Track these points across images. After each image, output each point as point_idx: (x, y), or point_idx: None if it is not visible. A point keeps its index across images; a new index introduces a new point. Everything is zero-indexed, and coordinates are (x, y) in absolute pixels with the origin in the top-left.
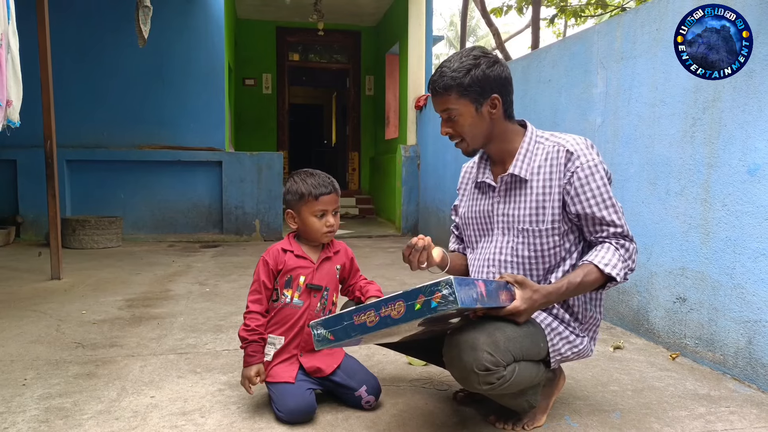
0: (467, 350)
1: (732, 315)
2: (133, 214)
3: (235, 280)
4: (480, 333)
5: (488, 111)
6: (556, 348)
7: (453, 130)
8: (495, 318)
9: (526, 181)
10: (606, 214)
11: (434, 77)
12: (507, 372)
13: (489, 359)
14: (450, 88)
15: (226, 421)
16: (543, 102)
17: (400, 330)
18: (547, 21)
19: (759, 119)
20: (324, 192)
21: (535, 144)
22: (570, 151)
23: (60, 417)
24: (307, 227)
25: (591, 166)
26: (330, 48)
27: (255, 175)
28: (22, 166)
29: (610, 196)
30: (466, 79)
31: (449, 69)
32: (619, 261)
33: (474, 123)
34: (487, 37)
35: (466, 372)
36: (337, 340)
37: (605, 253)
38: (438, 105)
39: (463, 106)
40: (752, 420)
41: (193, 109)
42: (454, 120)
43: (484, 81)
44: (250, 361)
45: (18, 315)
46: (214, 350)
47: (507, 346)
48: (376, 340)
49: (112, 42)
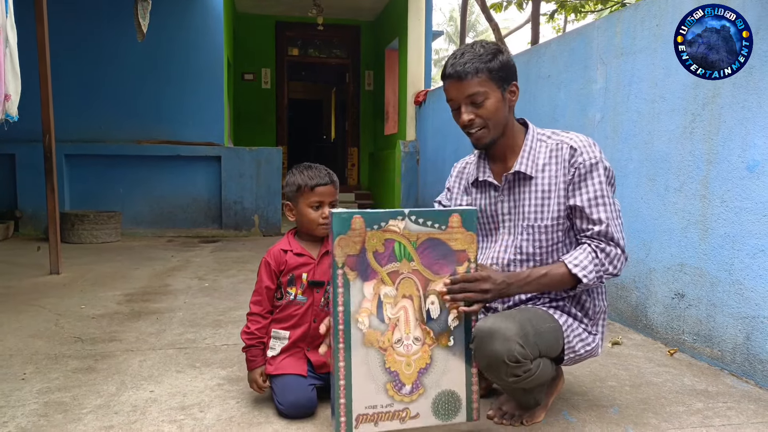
0: (500, 340)
1: (730, 311)
2: (132, 208)
3: (234, 275)
4: (512, 324)
5: (509, 98)
6: (571, 346)
7: (477, 116)
8: (524, 311)
9: (531, 178)
10: (594, 211)
11: (457, 61)
12: (533, 365)
13: (520, 351)
14: (480, 70)
15: (225, 415)
16: (542, 98)
17: None
18: (547, 16)
19: (758, 115)
20: (320, 183)
21: (537, 142)
22: (574, 147)
23: (59, 411)
24: (303, 219)
25: (593, 163)
26: (329, 43)
27: (254, 170)
28: (21, 160)
29: (604, 194)
30: (495, 63)
31: (474, 54)
32: (591, 263)
33: (499, 108)
34: (486, 33)
35: (496, 361)
36: None
37: (579, 253)
38: (462, 90)
39: (491, 90)
40: (749, 415)
41: (192, 103)
42: (480, 105)
43: (508, 67)
44: (251, 366)
45: (17, 309)
46: (213, 345)
47: (535, 340)
48: None
49: (110, 36)
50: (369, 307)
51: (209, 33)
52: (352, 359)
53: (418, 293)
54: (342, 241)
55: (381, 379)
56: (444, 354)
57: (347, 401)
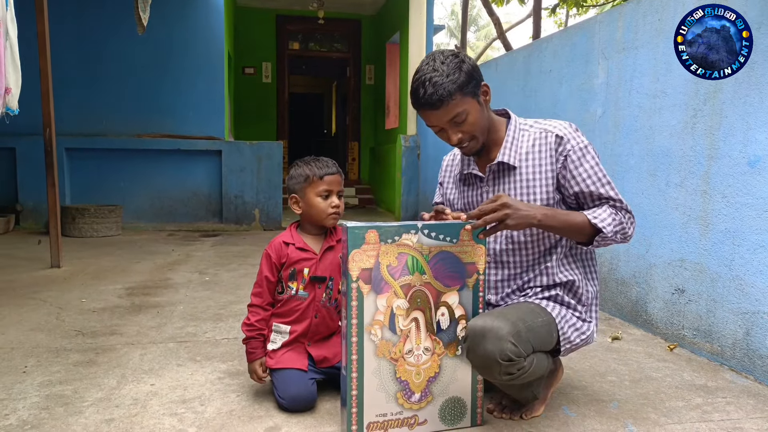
0: (492, 339)
1: (730, 306)
2: (132, 202)
3: (235, 269)
4: (504, 323)
5: (484, 100)
6: (566, 337)
7: (463, 132)
8: (516, 308)
9: (515, 168)
10: (604, 191)
11: (426, 90)
12: (527, 363)
13: (513, 350)
14: (453, 93)
15: (225, 409)
16: (544, 92)
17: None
18: (549, 11)
19: (760, 111)
20: (329, 172)
21: (519, 132)
22: (559, 135)
23: (60, 404)
24: (312, 209)
25: (581, 147)
26: (330, 37)
27: (255, 164)
28: (22, 154)
29: (604, 174)
30: (462, 77)
31: (441, 76)
32: (610, 217)
33: (481, 116)
34: (488, 27)
35: (489, 361)
36: None
37: (598, 210)
38: (441, 116)
39: (469, 105)
40: (749, 411)
41: (192, 97)
42: (463, 122)
43: (473, 73)
44: (251, 357)
45: (18, 303)
46: (214, 339)
47: (528, 337)
48: None
49: (111, 29)
50: (382, 319)
51: (210, 27)
52: (364, 370)
53: (429, 305)
54: (356, 255)
55: (392, 389)
56: (452, 363)
57: (359, 410)
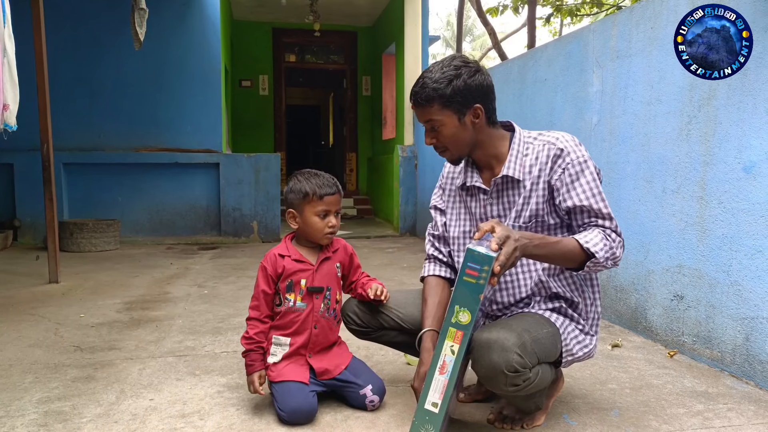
0: (498, 351)
1: (729, 312)
2: (130, 216)
3: (234, 282)
4: (510, 334)
5: (471, 120)
6: (569, 349)
7: (437, 141)
8: (521, 319)
9: (519, 181)
10: (597, 208)
11: (416, 88)
12: (532, 374)
13: (519, 361)
14: (432, 99)
15: (225, 423)
16: (539, 101)
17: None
18: (543, 20)
19: (754, 117)
20: (328, 192)
21: (524, 145)
22: (560, 148)
23: (59, 421)
24: (309, 227)
25: (581, 162)
26: (326, 49)
27: (252, 176)
28: (19, 169)
29: (600, 191)
30: (448, 90)
31: (431, 80)
32: (602, 242)
33: (457, 133)
34: (483, 37)
35: (494, 372)
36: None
37: (588, 233)
38: (421, 115)
39: (446, 117)
40: (750, 417)
41: (189, 111)
42: (437, 130)
43: (466, 91)
44: (249, 370)
45: (16, 319)
46: (213, 352)
47: (533, 348)
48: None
49: (108, 45)
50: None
51: (206, 40)
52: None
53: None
54: None
55: None
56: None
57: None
